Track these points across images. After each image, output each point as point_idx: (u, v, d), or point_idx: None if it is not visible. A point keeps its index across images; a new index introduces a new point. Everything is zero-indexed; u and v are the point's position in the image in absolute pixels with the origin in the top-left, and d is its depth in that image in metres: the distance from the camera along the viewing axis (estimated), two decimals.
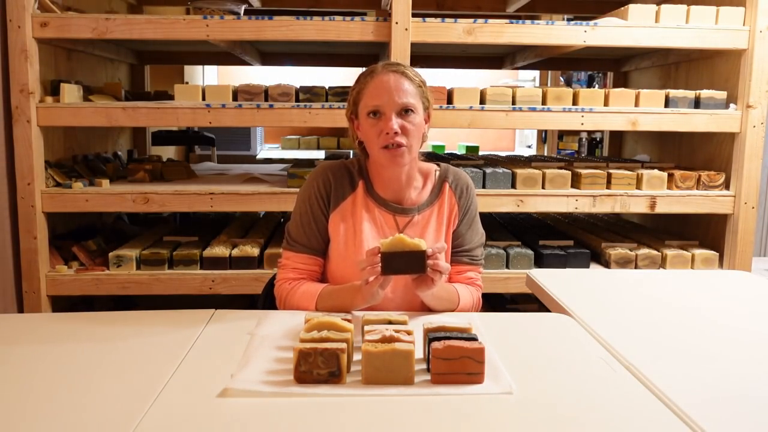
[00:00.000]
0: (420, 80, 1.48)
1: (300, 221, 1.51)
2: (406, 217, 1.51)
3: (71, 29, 2.21)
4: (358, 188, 1.52)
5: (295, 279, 1.48)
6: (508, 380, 1.05)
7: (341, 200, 1.50)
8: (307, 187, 1.53)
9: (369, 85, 1.45)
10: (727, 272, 2.11)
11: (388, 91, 1.42)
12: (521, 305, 2.84)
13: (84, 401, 0.99)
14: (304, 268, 1.49)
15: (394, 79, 1.43)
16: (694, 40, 2.33)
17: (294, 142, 5.09)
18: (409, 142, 1.43)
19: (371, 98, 1.44)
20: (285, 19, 2.24)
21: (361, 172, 1.53)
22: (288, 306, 1.46)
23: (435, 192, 1.54)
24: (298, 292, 1.45)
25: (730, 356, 1.20)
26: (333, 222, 1.50)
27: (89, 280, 2.28)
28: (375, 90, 1.43)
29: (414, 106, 1.43)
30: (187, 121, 2.30)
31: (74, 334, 1.29)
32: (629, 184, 2.41)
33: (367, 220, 1.49)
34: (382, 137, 1.42)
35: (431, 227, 1.52)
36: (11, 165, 2.22)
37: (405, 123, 1.42)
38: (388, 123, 1.41)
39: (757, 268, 3.20)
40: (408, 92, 1.43)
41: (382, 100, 1.42)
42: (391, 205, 1.51)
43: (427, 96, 1.49)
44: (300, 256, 1.50)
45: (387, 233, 1.49)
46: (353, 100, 1.50)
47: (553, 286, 1.64)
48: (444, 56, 3.38)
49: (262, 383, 1.04)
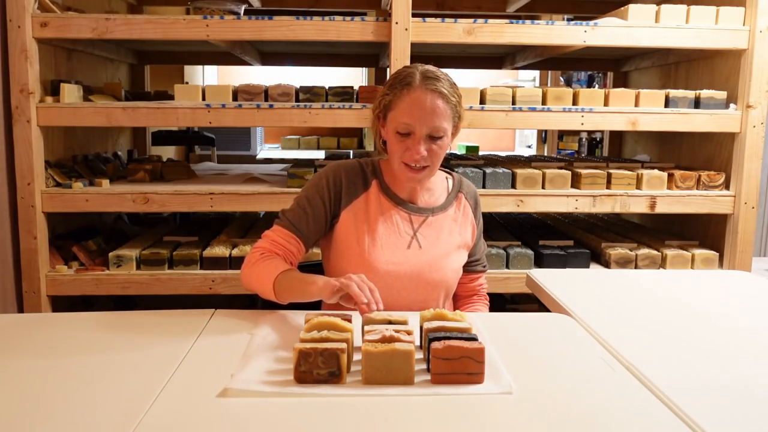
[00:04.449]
0: (457, 97, 1.45)
1: (298, 204, 1.52)
2: (421, 217, 1.53)
3: (71, 29, 2.21)
4: (371, 187, 1.53)
5: (269, 251, 1.47)
6: (508, 380, 1.05)
7: (354, 198, 1.51)
8: (316, 178, 1.53)
9: (404, 99, 1.41)
10: (727, 272, 2.11)
11: (421, 114, 1.39)
12: (521, 305, 2.84)
13: (84, 401, 0.99)
14: (282, 243, 1.47)
15: (431, 101, 1.40)
16: (694, 40, 2.33)
17: (294, 142, 5.10)
18: (433, 162, 1.44)
19: (403, 115, 1.41)
20: (285, 19, 2.24)
21: (374, 171, 1.54)
22: (250, 273, 1.44)
23: (450, 199, 1.57)
24: (264, 263, 1.42)
25: (730, 356, 1.20)
26: (344, 219, 1.51)
27: (89, 280, 2.28)
28: (409, 108, 1.40)
29: (445, 131, 1.42)
30: (187, 121, 2.30)
31: (74, 334, 1.29)
32: (629, 184, 2.41)
33: (383, 219, 1.51)
34: (407, 156, 1.42)
35: (445, 231, 1.54)
36: (11, 165, 2.22)
37: (433, 147, 1.42)
38: (417, 146, 1.40)
39: (757, 268, 3.20)
40: (442, 116, 1.41)
41: (414, 122, 1.40)
42: (406, 204, 1.53)
43: (460, 112, 1.47)
44: (283, 231, 1.49)
45: (402, 231, 1.51)
46: (384, 105, 1.46)
47: (553, 286, 1.64)
48: (444, 56, 3.38)
49: (262, 383, 1.03)
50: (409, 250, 1.50)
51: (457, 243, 1.56)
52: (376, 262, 1.48)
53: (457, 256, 1.56)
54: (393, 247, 1.50)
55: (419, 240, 1.52)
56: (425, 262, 1.50)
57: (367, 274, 1.35)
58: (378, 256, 1.48)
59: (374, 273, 1.45)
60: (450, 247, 1.54)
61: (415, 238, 1.52)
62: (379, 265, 1.48)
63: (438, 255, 1.52)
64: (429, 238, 1.52)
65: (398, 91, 1.42)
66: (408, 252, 1.50)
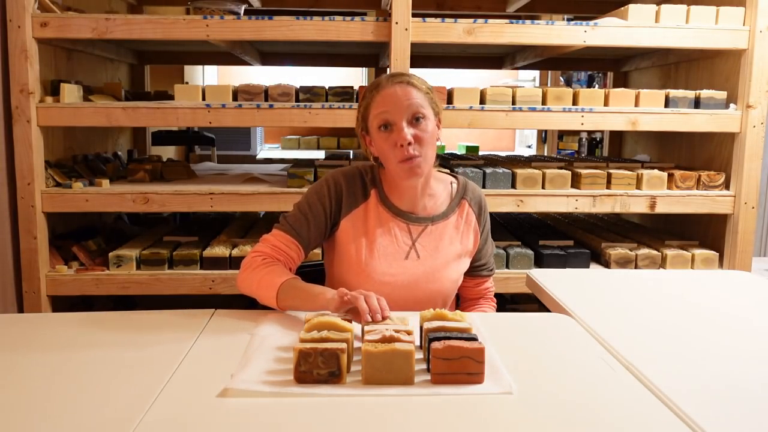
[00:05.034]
0: (427, 87, 1.47)
1: (299, 209, 1.51)
2: (420, 226, 1.52)
3: (71, 29, 2.21)
4: (370, 197, 1.52)
5: (270, 257, 1.46)
6: (508, 380, 1.05)
7: (353, 208, 1.51)
8: (317, 185, 1.53)
9: (375, 98, 1.44)
10: (727, 272, 2.11)
11: (396, 102, 1.42)
12: (521, 305, 2.84)
13: (84, 401, 0.99)
14: (283, 248, 1.47)
15: (401, 89, 1.42)
16: (694, 40, 2.33)
17: (294, 142, 5.10)
18: (424, 151, 1.43)
19: (379, 110, 1.43)
20: (285, 19, 2.24)
21: (374, 181, 1.54)
22: (250, 278, 1.42)
23: (452, 206, 1.56)
24: (267, 269, 1.41)
25: (730, 356, 1.20)
26: (344, 228, 1.50)
27: (89, 280, 2.28)
28: (382, 102, 1.43)
29: (424, 113, 1.43)
30: (187, 121, 2.30)
31: (74, 334, 1.29)
32: (629, 184, 2.41)
33: (381, 229, 1.50)
34: (398, 151, 1.41)
35: (446, 239, 1.53)
36: (11, 165, 2.22)
37: (417, 132, 1.42)
38: (401, 133, 1.40)
39: (757, 268, 3.20)
40: (416, 100, 1.42)
41: (391, 111, 1.42)
42: (405, 214, 1.52)
43: (436, 101, 1.48)
44: (284, 236, 1.48)
45: (401, 242, 1.50)
46: (361, 116, 1.49)
47: (553, 286, 1.64)
48: (444, 56, 3.38)
49: (262, 383, 1.03)
50: (407, 261, 1.50)
51: (457, 251, 1.54)
52: (374, 273, 1.47)
53: (456, 265, 1.55)
54: (391, 257, 1.49)
55: (417, 250, 1.51)
56: (422, 272, 1.50)
57: (365, 284, 1.34)
58: (375, 266, 1.47)
59: (371, 283, 1.45)
60: (449, 256, 1.53)
61: (413, 248, 1.51)
62: (376, 275, 1.47)
63: (436, 265, 1.51)
64: (428, 248, 1.51)
65: (369, 95, 1.47)
66: (406, 262, 1.50)
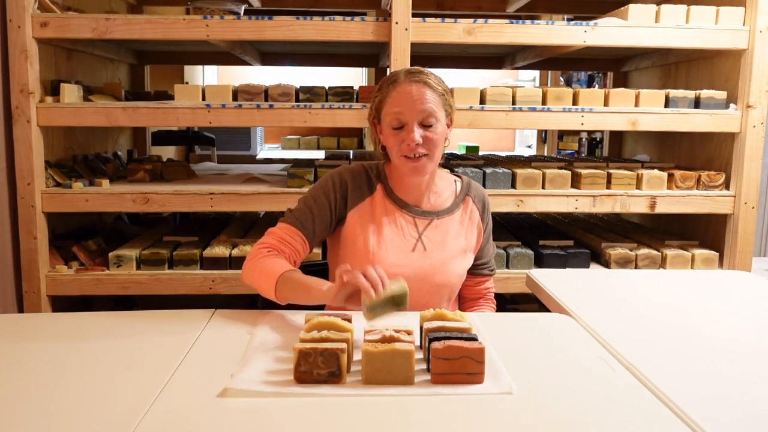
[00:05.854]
0: (443, 88, 1.48)
1: (304, 203, 1.52)
2: (426, 220, 1.54)
3: (71, 29, 2.21)
4: (376, 191, 1.54)
5: (275, 248, 1.46)
6: (508, 380, 1.05)
7: (359, 201, 1.52)
8: (322, 180, 1.55)
9: (391, 94, 1.45)
10: (727, 272, 2.11)
11: (410, 102, 1.43)
12: (521, 305, 2.84)
13: (84, 401, 0.99)
14: (288, 240, 1.48)
15: (417, 90, 1.43)
16: (694, 40, 2.33)
17: (294, 142, 5.09)
18: (431, 151, 1.45)
19: (393, 107, 1.44)
20: (285, 19, 2.24)
21: (379, 176, 1.55)
22: (252, 268, 1.43)
23: (457, 202, 1.58)
24: (269, 260, 1.42)
25: (730, 356, 1.20)
26: (350, 221, 1.51)
27: (89, 280, 2.28)
28: (397, 99, 1.44)
29: (436, 116, 1.44)
30: (187, 121, 2.30)
31: (74, 334, 1.29)
32: (629, 184, 2.41)
33: (388, 222, 1.51)
34: (404, 147, 1.43)
35: (451, 233, 1.55)
36: (11, 165, 2.22)
37: (427, 133, 1.43)
38: (410, 135, 1.42)
39: (757, 268, 3.20)
40: (430, 103, 1.43)
41: (405, 112, 1.43)
42: (411, 207, 1.53)
43: (450, 103, 1.49)
44: (290, 229, 1.49)
45: (407, 234, 1.51)
46: (375, 106, 1.51)
47: (553, 286, 1.64)
48: (444, 56, 3.38)
49: (262, 383, 1.03)
50: (414, 253, 1.51)
51: (462, 246, 1.56)
52: (381, 264, 1.47)
53: (461, 259, 1.56)
54: (398, 249, 1.50)
55: (424, 243, 1.52)
56: (429, 264, 1.51)
57: None
58: (383, 258, 1.48)
59: None
60: (455, 250, 1.54)
61: (420, 240, 1.52)
62: (384, 267, 1.47)
63: (443, 258, 1.52)
64: (434, 241, 1.53)
65: (386, 89, 1.47)
66: (413, 254, 1.51)
